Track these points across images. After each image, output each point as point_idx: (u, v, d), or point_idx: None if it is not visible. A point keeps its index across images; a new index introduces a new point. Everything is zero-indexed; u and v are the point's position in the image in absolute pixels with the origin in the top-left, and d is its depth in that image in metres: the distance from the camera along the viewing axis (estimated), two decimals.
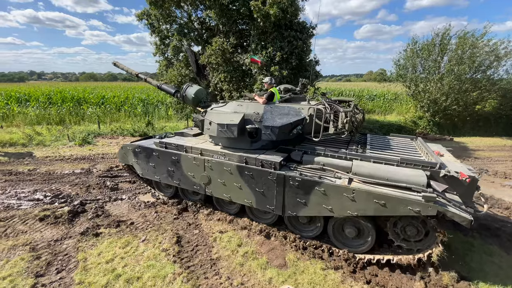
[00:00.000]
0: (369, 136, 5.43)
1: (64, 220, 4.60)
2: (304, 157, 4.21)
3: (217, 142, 4.84)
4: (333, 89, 24.33)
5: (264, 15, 8.39)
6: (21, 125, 12.13)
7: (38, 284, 3.29)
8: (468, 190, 3.47)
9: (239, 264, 3.72)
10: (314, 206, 3.79)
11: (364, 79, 75.18)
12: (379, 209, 3.35)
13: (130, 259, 3.75)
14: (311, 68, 9.43)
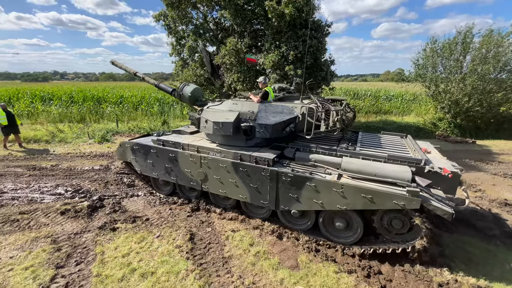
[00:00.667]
0: (361, 134, 5.57)
1: (83, 214, 4.79)
2: (297, 154, 4.36)
3: (213, 140, 4.99)
4: (349, 89, 23.89)
5: (279, 14, 8.36)
6: (45, 123, 12.74)
7: (58, 275, 3.43)
8: (451, 185, 3.64)
9: (250, 264, 3.73)
10: (305, 201, 3.94)
11: (381, 79, 73.32)
12: (366, 203, 3.51)
13: (145, 254, 3.85)
14: (326, 68, 9.31)
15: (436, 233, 4.52)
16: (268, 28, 9.47)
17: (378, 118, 15.46)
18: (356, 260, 3.82)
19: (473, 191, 6.33)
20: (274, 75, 8.84)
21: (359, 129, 12.22)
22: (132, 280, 3.37)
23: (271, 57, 8.59)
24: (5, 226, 4.47)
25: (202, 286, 3.29)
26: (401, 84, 15.74)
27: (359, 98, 20.66)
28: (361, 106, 17.39)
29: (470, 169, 7.89)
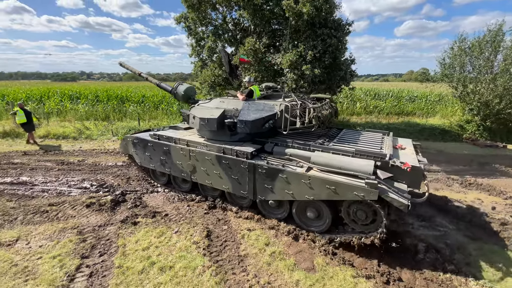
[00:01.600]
0: (344, 130, 5.84)
1: (107, 208, 5.02)
2: (275, 148, 4.69)
3: (201, 135, 5.39)
4: (369, 89, 23.19)
5: (297, 13, 8.28)
6: (72, 120, 13.46)
7: (83, 264, 3.62)
8: (414, 179, 3.76)
9: (266, 263, 3.73)
10: (278, 191, 4.28)
11: (403, 79, 70.61)
12: (330, 194, 3.78)
13: (163, 249, 3.96)
14: (346, 67, 9.10)
15: (460, 241, 4.31)
16: (286, 28, 9.41)
17: (400, 119, 14.89)
18: (374, 265, 3.71)
19: (503, 198, 5.94)
20: (291, 75, 8.78)
21: (381, 130, 11.87)
22: (151, 273, 3.49)
23: (289, 57, 8.52)
24: (36, 217, 4.77)
25: (218, 282, 3.34)
26: (425, 84, 15.06)
27: (380, 98, 20.00)
28: (382, 107, 16.82)
29: (500, 175, 7.41)
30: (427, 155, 8.83)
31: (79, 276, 3.41)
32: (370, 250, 3.95)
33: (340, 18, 9.23)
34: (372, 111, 16.50)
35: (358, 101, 17.85)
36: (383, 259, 3.88)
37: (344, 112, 16.01)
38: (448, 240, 4.40)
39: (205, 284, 3.32)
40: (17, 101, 16.12)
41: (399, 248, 4.09)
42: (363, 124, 13.03)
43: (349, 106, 16.87)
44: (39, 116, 12.83)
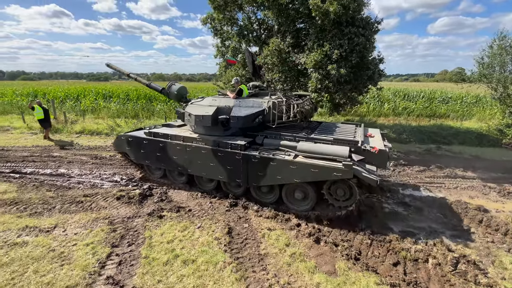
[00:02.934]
0: (323, 123, 6.57)
1: (135, 201, 5.29)
2: (265, 140, 5.26)
3: (196, 131, 5.76)
4: (398, 90, 22.13)
5: (323, 12, 8.12)
6: (105, 117, 14.33)
7: (113, 253, 3.84)
8: (382, 160, 4.58)
9: (286, 264, 3.71)
10: (270, 177, 4.84)
11: (436, 79, 66.48)
12: (315, 175, 4.47)
13: (187, 243, 4.10)
14: (374, 66, 8.76)
15: (494, 254, 3.98)
16: (311, 27, 9.27)
17: (432, 122, 14.03)
18: (400, 273, 3.56)
19: None
20: (315, 75, 8.63)
21: (410, 133, 11.29)
22: (175, 265, 3.62)
23: (313, 56, 8.39)
24: (72, 206, 5.16)
25: (238, 279, 3.39)
26: (461, 85, 14.06)
27: (410, 99, 18.99)
28: (412, 109, 15.95)
29: None
30: (461, 161, 8.30)
31: (110, 264, 3.63)
32: (395, 256, 3.79)
33: (368, 16, 8.92)
34: (401, 112, 15.73)
35: (386, 102, 17.11)
36: (408, 267, 3.70)
37: (370, 113, 15.42)
38: (481, 252, 4.09)
39: (225, 280, 3.38)
40: (55, 98, 17.44)
41: (426, 257, 3.88)
42: (391, 126, 12.46)
43: (376, 107, 16.22)
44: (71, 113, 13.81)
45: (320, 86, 8.59)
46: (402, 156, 8.97)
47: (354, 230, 4.48)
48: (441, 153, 9.53)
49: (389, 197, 5.91)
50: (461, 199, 5.77)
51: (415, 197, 5.86)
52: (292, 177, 4.64)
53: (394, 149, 9.76)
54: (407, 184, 6.59)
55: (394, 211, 5.29)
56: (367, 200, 5.60)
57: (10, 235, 4.20)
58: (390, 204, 5.58)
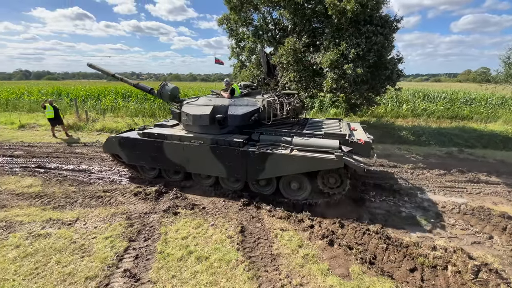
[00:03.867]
0: (310, 120, 7.00)
1: (152, 197, 5.43)
2: (261, 137, 5.54)
3: (192, 130, 5.90)
4: (417, 90, 21.37)
5: (340, 11, 7.99)
6: (124, 116, 14.81)
7: (130, 247, 3.97)
8: (366, 150, 5.07)
9: (298, 265, 3.69)
10: (269, 170, 5.14)
11: (458, 79, 63.65)
12: (311, 166, 4.91)
13: (200, 240, 4.17)
14: (392, 66, 8.52)
15: None
16: (327, 26, 9.14)
17: (454, 124, 13.45)
18: (417, 280, 3.44)
19: None
20: (331, 74, 8.50)
21: (430, 135, 10.89)
22: (189, 261, 3.69)
23: (329, 56, 8.27)
24: (92, 201, 5.37)
25: (250, 278, 3.41)
26: (485, 86, 13.39)
27: (430, 100, 18.28)
28: (433, 110, 15.35)
29: None
30: (484, 165, 7.90)
31: (127, 257, 3.75)
32: (413, 262, 3.67)
33: (387, 15, 8.68)
34: (420, 114, 15.18)
35: (404, 102, 16.58)
36: (426, 273, 3.58)
37: (388, 115, 14.99)
38: (505, 260, 3.89)
39: (238, 278, 3.41)
40: (77, 97, 18.20)
41: (446, 264, 3.73)
42: (409, 128, 12.06)
43: (394, 108, 15.75)
44: (93, 111, 14.34)
45: (335, 86, 8.45)
46: (421, 159, 8.67)
47: (368, 233, 4.38)
48: (463, 156, 9.12)
49: (407, 201, 5.73)
50: (484, 205, 5.50)
51: (434, 202, 5.65)
52: (290, 169, 5.03)
53: (412, 152, 9.46)
54: (425, 188, 6.37)
55: (412, 216, 5.13)
56: (383, 203, 5.52)
57: (35, 227, 4.44)
58: (407, 208, 5.42)
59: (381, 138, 11.02)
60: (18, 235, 4.20)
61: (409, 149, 9.80)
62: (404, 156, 8.96)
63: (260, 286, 3.31)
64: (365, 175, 7.02)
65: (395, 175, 7.18)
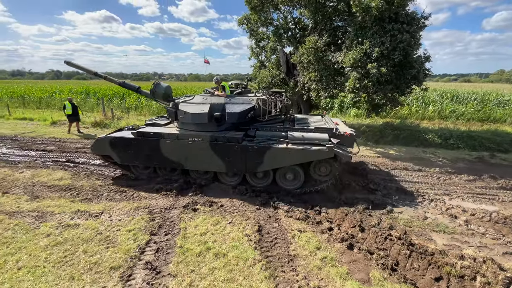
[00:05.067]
0: (297, 117, 7.35)
1: (172, 193, 5.58)
2: (257, 132, 5.86)
3: (190, 128, 6.01)
4: (445, 91, 20.29)
5: (364, 8, 7.76)
6: (146, 114, 15.35)
7: (152, 240, 4.10)
8: (350, 142, 5.67)
9: (316, 267, 3.63)
10: (267, 163, 5.53)
11: (490, 80, 59.74)
12: (305, 158, 5.43)
13: (218, 236, 4.22)
14: (419, 65, 8.15)
15: None
16: (350, 24, 8.92)
17: (485, 127, 12.63)
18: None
19: None
20: (353, 74, 8.29)
21: (459, 138, 10.32)
22: (207, 257, 3.75)
23: (352, 55, 8.06)
24: (117, 195, 5.61)
25: (267, 277, 3.40)
26: None
27: (459, 101, 17.29)
28: (462, 112, 14.51)
29: None
30: None
31: (148, 250, 3.88)
32: (438, 271, 3.48)
33: (414, 12, 8.32)
34: (448, 115, 14.42)
35: (431, 103, 15.81)
36: (452, 283, 3.39)
37: (412, 116, 14.37)
38: None
39: (255, 277, 3.42)
40: (104, 96, 19.07)
41: (474, 275, 3.50)
42: (436, 131, 11.48)
43: (419, 109, 15.07)
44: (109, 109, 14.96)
45: (358, 86, 8.23)
46: (448, 164, 8.23)
47: (390, 238, 4.22)
48: (496, 161, 8.54)
49: (433, 206, 5.46)
50: None
51: (463, 209, 5.34)
52: (287, 161, 5.47)
53: (439, 156, 9.00)
54: (453, 194, 6.03)
55: (438, 222, 4.88)
56: (407, 208, 5.30)
57: (64, 217, 4.71)
58: (433, 214, 5.16)
59: (405, 140, 10.59)
60: (49, 224, 4.48)
61: (436, 153, 9.34)
62: (430, 160, 8.55)
63: (277, 286, 3.29)
64: (388, 178, 6.79)
65: (420, 179, 6.87)
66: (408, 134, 10.88)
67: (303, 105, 11.95)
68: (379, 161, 8.24)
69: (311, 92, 10.09)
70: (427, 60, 8.61)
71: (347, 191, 5.99)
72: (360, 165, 7.60)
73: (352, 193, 5.92)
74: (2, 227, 4.38)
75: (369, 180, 6.56)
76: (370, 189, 6.13)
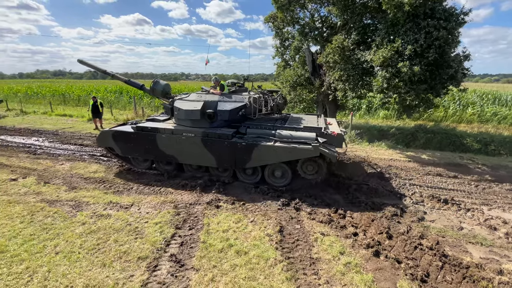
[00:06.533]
0: (291, 115, 7.57)
1: (197, 190, 5.73)
2: (248, 130, 6.03)
3: (184, 124, 6.28)
4: (486, 92, 18.70)
5: (396, 5, 7.39)
6: None
7: (177, 234, 4.25)
8: (338, 141, 5.74)
9: (340, 272, 3.53)
10: (254, 159, 5.70)
11: None
12: (291, 155, 5.52)
13: (240, 234, 4.26)
14: (457, 64, 7.60)
15: None
16: (381, 22, 8.55)
17: None
18: None
19: None
20: (383, 73, 7.93)
21: (501, 144, 9.47)
22: (229, 253, 3.80)
23: (382, 53, 7.72)
24: (145, 189, 5.89)
25: (289, 278, 3.37)
26: None
27: (502, 104, 15.85)
28: (505, 115, 13.28)
29: None
30: None
31: (173, 243, 4.02)
32: (473, 285, 3.22)
33: (452, 7, 7.75)
34: (489, 119, 13.28)
35: (469, 105, 14.67)
36: None
37: (448, 119, 13.43)
38: None
39: (276, 277, 3.40)
40: (135, 95, 20.08)
41: None
42: (474, 135, 10.62)
43: (456, 111, 14.03)
44: None
45: (387, 86, 7.86)
46: (488, 171, 7.58)
47: (421, 247, 3.97)
48: None
49: (469, 216, 5.07)
50: None
51: (504, 220, 4.89)
52: (273, 158, 5.61)
53: (478, 162, 8.33)
54: (493, 204, 5.55)
55: (474, 234, 4.51)
56: (440, 217, 4.94)
57: (98, 208, 5.03)
58: (470, 225, 4.78)
59: (439, 144, 9.93)
60: (85, 213, 4.81)
61: (474, 159, 8.64)
62: (467, 166, 7.93)
63: None
64: (419, 184, 6.42)
65: (455, 187, 6.40)
66: (442, 137, 10.18)
67: (329, 105, 11.67)
68: (409, 165, 7.80)
69: (337, 92, 9.83)
70: (466, 59, 7.99)
71: (374, 196, 5.75)
72: (389, 169, 7.25)
73: (380, 198, 5.67)
74: (43, 214, 4.79)
75: (398, 185, 6.24)
76: (399, 194, 5.84)
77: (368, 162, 7.80)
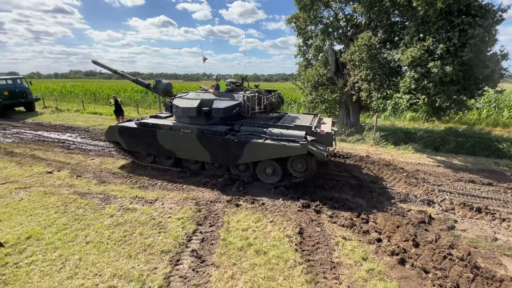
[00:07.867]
0: (288, 115, 7.70)
1: (218, 188, 5.84)
2: (241, 127, 6.24)
3: (182, 121, 6.62)
4: None
5: (428, 2, 7.02)
6: None
7: (198, 230, 4.35)
8: (328, 140, 5.89)
9: (362, 278, 3.43)
10: (246, 156, 5.89)
11: None
12: (280, 153, 5.64)
13: (259, 234, 4.27)
14: (494, 64, 7.08)
15: None
16: (411, 19, 8.17)
17: None
18: None
19: None
20: (411, 73, 7.57)
21: None
22: (248, 252, 3.83)
23: (411, 52, 7.37)
24: (169, 185, 6.08)
25: (308, 281, 3.32)
26: None
27: None
28: None
29: None
30: None
31: (194, 239, 4.13)
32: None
33: (489, 3, 7.23)
34: None
35: (506, 108, 13.63)
36: None
37: (482, 122, 12.55)
38: None
39: (295, 279, 3.37)
40: None
41: None
42: (511, 140, 9.84)
43: (491, 114, 13.09)
44: None
45: (415, 87, 7.50)
46: None
47: (450, 258, 3.75)
48: None
49: (505, 227, 4.71)
50: None
51: None
52: (263, 155, 5.78)
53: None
54: None
55: (510, 246, 4.18)
56: (473, 226, 4.63)
57: (125, 202, 5.28)
58: (505, 236, 4.44)
59: (472, 149, 9.30)
60: (113, 206, 5.07)
61: (511, 165, 8.01)
62: (504, 173, 7.36)
63: None
64: (449, 191, 6.07)
65: (490, 195, 5.97)
66: (476, 142, 9.53)
67: (352, 106, 11.36)
68: (439, 170, 7.39)
69: (361, 93, 9.53)
70: (504, 58, 7.42)
71: (399, 201, 5.52)
72: (416, 174, 6.92)
73: (405, 204, 5.43)
74: (75, 205, 5.10)
75: (426, 191, 5.94)
76: (427, 201, 5.55)
77: (394, 165, 7.50)
